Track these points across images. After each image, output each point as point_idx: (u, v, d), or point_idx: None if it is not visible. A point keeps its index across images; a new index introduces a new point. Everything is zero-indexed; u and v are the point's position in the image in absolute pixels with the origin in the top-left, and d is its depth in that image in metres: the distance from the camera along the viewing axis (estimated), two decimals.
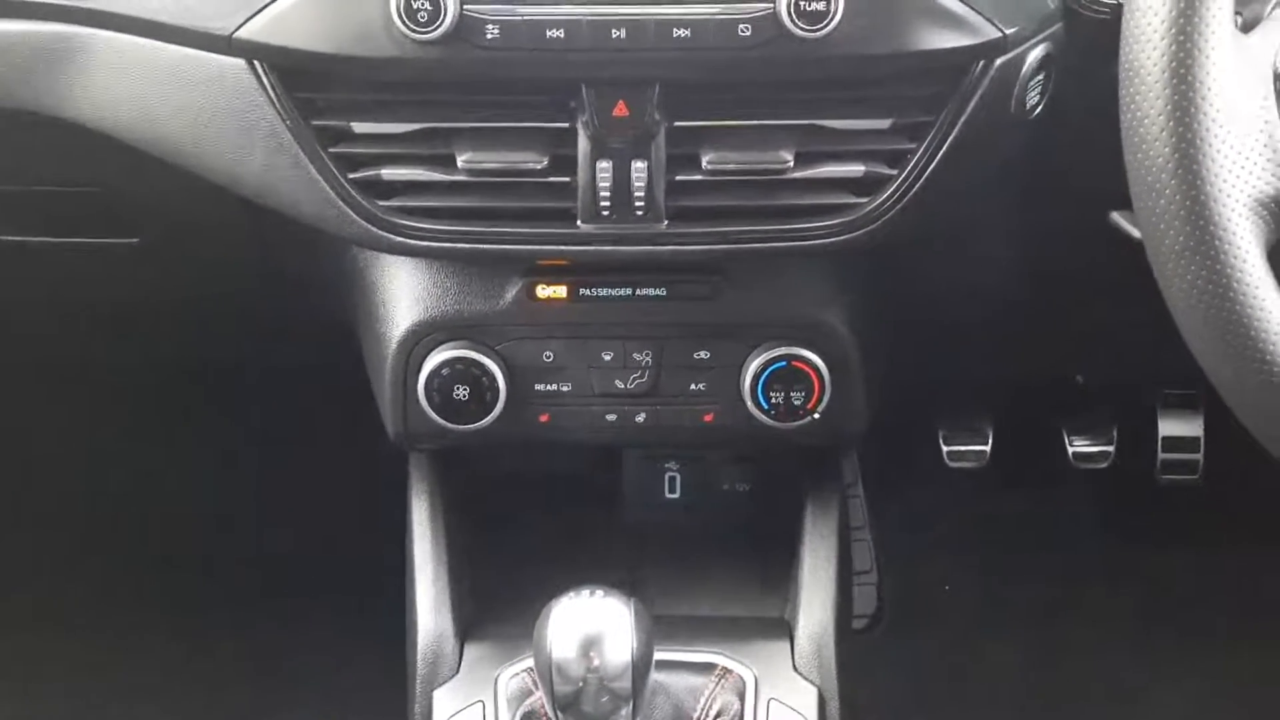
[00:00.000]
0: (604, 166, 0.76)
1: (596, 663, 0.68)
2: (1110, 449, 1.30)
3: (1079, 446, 1.31)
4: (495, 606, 0.91)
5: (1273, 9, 0.65)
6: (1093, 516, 1.41)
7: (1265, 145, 0.56)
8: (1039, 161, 0.81)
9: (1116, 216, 0.78)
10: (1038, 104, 0.78)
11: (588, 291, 0.83)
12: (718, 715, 0.81)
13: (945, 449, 1.30)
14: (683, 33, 0.71)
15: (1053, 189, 0.85)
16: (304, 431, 1.35)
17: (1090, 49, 0.75)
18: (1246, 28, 0.62)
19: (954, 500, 1.37)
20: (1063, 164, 0.81)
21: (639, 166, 0.76)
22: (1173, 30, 0.54)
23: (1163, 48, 0.54)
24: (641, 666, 0.69)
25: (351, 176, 0.77)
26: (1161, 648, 1.32)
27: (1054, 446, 1.32)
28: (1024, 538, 1.40)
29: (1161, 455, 1.31)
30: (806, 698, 0.83)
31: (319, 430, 1.33)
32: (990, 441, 1.30)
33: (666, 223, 0.77)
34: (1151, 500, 1.36)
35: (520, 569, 0.94)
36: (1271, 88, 0.57)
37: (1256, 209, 0.55)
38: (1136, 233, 0.76)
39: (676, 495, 1.06)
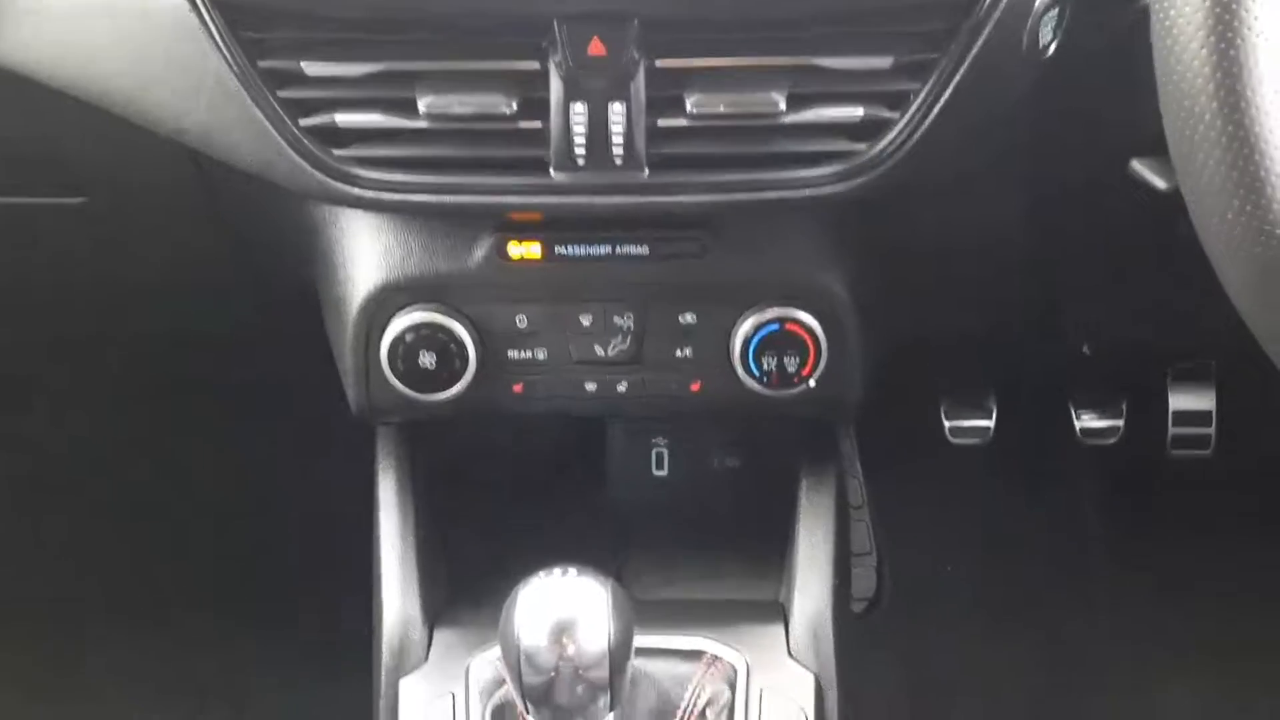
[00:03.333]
0: (578, 110, 0.70)
1: (570, 650, 0.61)
2: (1119, 424, 1.25)
3: (1087, 421, 1.26)
4: (467, 591, 0.86)
5: None
6: (1100, 494, 1.36)
7: None
8: (1052, 106, 0.75)
9: (1137, 164, 0.72)
10: (1051, 41, 0.71)
11: (564, 250, 0.77)
12: (707, 705, 0.76)
13: (947, 424, 1.25)
14: None
15: (1066, 137, 0.79)
16: (266, 407, 1.30)
17: None
18: None
19: (956, 478, 1.32)
20: (1078, 108, 0.75)
21: (617, 110, 0.70)
22: None
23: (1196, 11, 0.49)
24: (620, 654, 0.63)
25: (303, 123, 0.71)
26: (1170, 630, 1.28)
27: (1060, 421, 1.27)
28: (1029, 517, 1.35)
29: (1172, 430, 1.26)
30: (803, 685, 0.78)
31: (281, 405, 1.28)
32: (994, 417, 1.25)
33: (647, 172, 0.71)
34: (1161, 477, 1.31)
35: (495, 551, 0.88)
36: None
37: None
38: (1160, 182, 0.70)
39: (664, 472, 1.01)
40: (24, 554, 1.33)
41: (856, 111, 0.71)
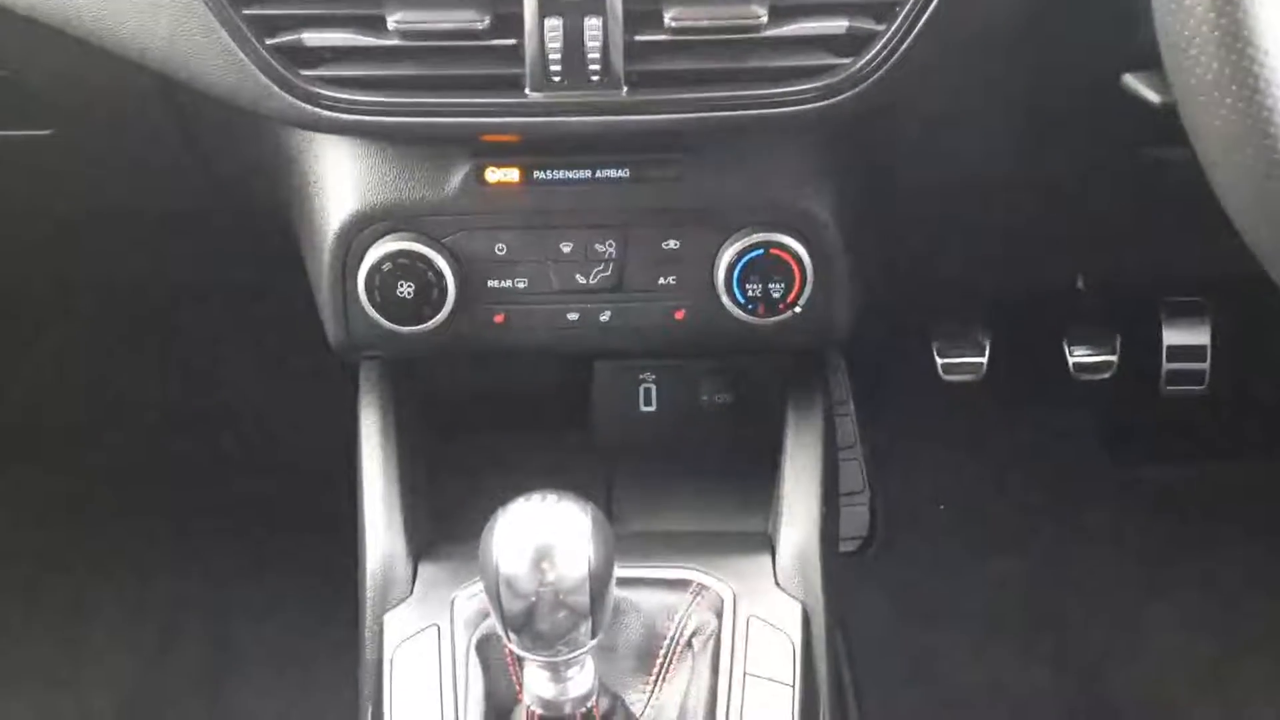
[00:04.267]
0: (553, 25, 0.68)
1: (550, 575, 0.60)
2: (1113, 359, 1.24)
3: (1080, 357, 1.25)
4: (451, 525, 0.85)
5: None
6: (1094, 429, 1.35)
7: None
8: (1040, 23, 0.73)
9: (1130, 79, 0.70)
10: None
11: (543, 174, 0.76)
12: (693, 634, 0.75)
13: (940, 361, 1.23)
14: None
15: (1055, 56, 0.76)
16: (246, 349, 1.28)
17: None
18: None
19: (950, 415, 1.31)
20: (1066, 25, 0.73)
21: (593, 24, 0.68)
22: None
23: None
24: (600, 578, 0.61)
25: (269, 42, 0.69)
26: (1162, 563, 1.28)
27: (1054, 357, 1.26)
28: (1022, 453, 1.34)
29: (1167, 365, 1.25)
30: (790, 614, 0.77)
31: (263, 347, 1.26)
32: (987, 353, 1.23)
33: (626, 89, 0.69)
34: (1155, 412, 1.31)
35: (479, 486, 0.87)
36: None
37: None
38: (1153, 95, 0.68)
39: (652, 408, 0.99)
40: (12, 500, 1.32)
41: (841, 24, 0.69)
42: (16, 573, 1.28)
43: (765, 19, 0.68)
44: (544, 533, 0.62)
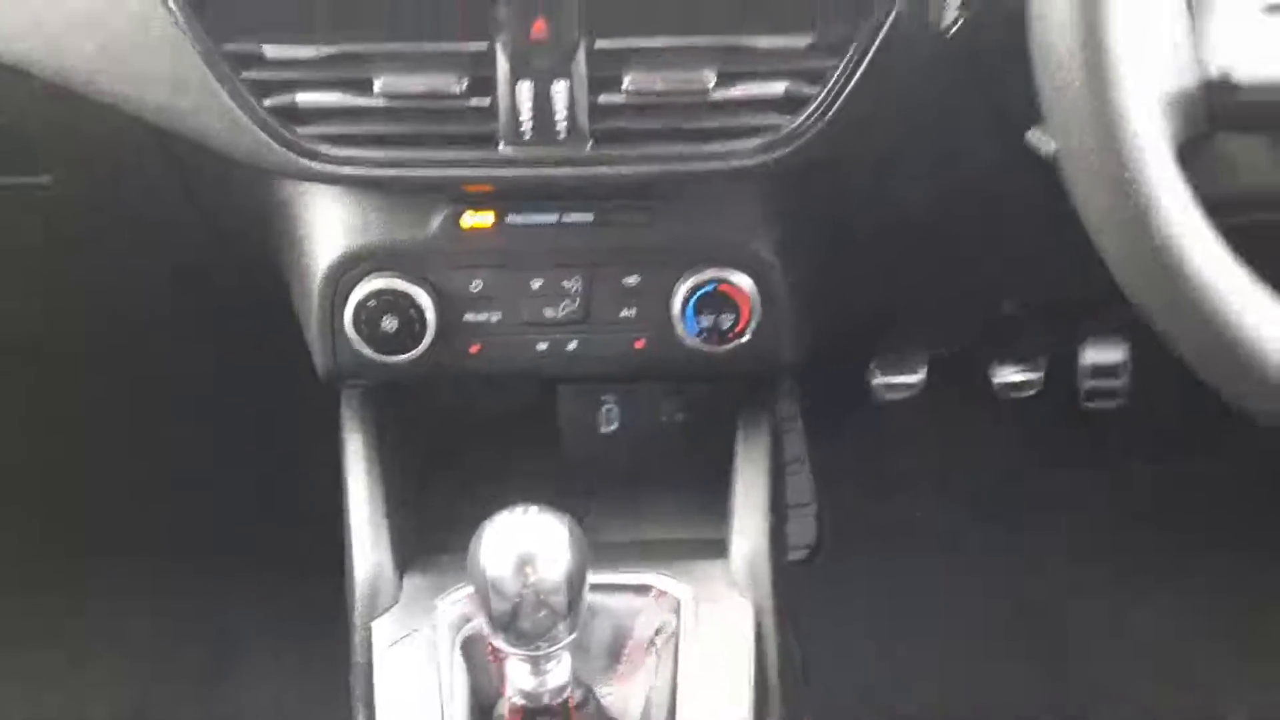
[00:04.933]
0: (524, 88, 0.75)
1: (532, 578, 0.68)
2: (1037, 376, 1.33)
3: (1007, 376, 1.34)
4: (432, 539, 0.91)
5: None
6: (1022, 442, 1.45)
7: (1169, 42, 0.57)
8: (959, 81, 0.82)
9: (1031, 134, 0.79)
10: (956, 19, 0.78)
11: (515, 219, 0.83)
12: (656, 633, 0.82)
13: (879, 381, 1.31)
14: None
15: (974, 109, 0.85)
16: (235, 383, 1.34)
17: None
18: None
19: (889, 432, 1.40)
20: (982, 82, 0.82)
21: (560, 87, 0.75)
22: None
23: None
24: (576, 581, 0.69)
25: (266, 103, 0.76)
26: (1089, 565, 1.37)
27: (985, 375, 1.35)
28: (958, 466, 1.43)
29: (1087, 383, 1.35)
30: (742, 613, 0.85)
31: (251, 380, 1.32)
32: (924, 372, 1.32)
33: (590, 145, 0.77)
34: (1076, 425, 1.40)
35: (457, 503, 0.94)
36: None
37: (1164, 106, 0.56)
38: (1051, 146, 0.77)
39: (614, 427, 1.06)
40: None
41: (780, 86, 0.77)
42: (15, 572, 1.32)
43: (713, 84, 0.76)
44: (526, 542, 0.69)
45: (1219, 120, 0.63)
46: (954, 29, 0.79)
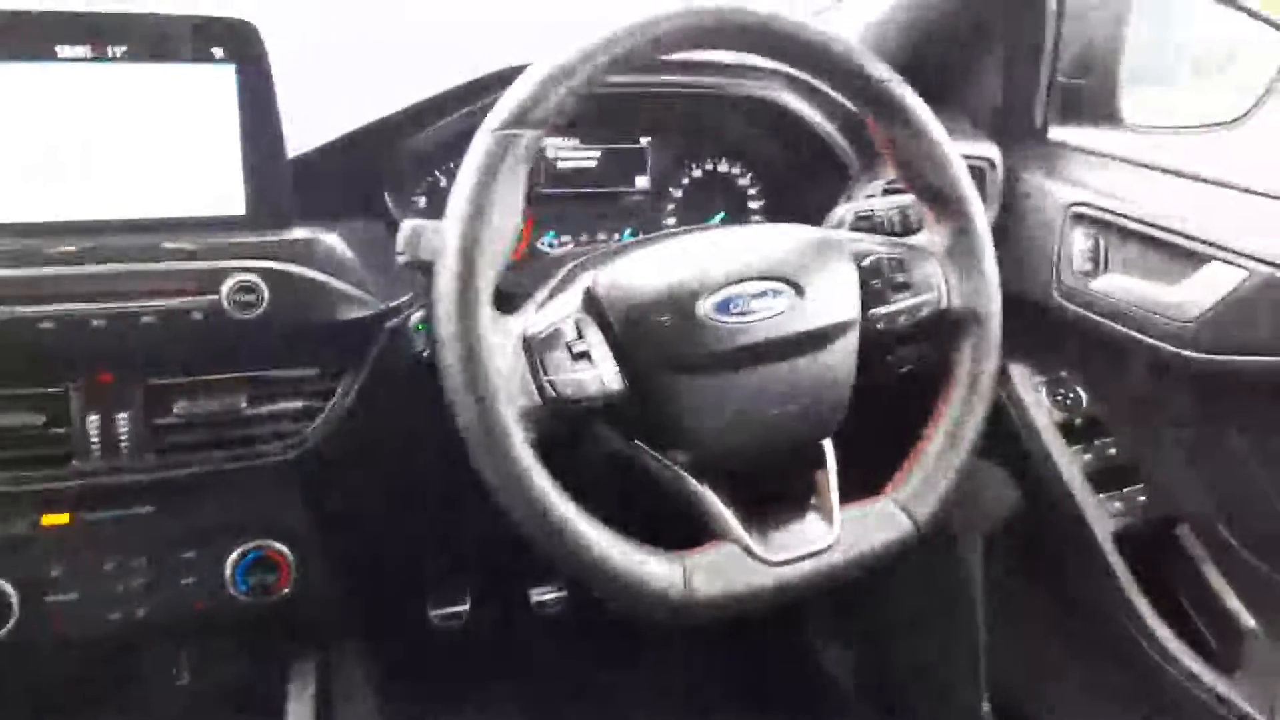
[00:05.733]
0: (93, 420, 0.99)
1: None
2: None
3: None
4: None
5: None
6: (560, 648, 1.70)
7: (521, 379, 0.91)
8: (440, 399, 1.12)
9: None
10: (424, 350, 1.11)
11: (88, 515, 1.03)
12: None
13: (432, 613, 1.52)
14: (149, 319, 0.95)
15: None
16: None
17: None
18: (506, 311, 0.92)
19: (439, 655, 1.61)
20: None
21: (123, 417, 0.99)
22: (456, 315, 0.88)
23: (450, 329, 0.87)
24: None
25: None
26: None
27: (518, 600, 1.60)
28: (499, 678, 1.67)
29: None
30: None
31: None
32: (469, 601, 1.54)
33: (151, 456, 1.00)
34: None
35: None
36: (521, 344, 0.92)
37: (520, 418, 0.90)
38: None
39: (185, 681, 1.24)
40: None
41: (297, 404, 1.05)
42: None
43: (246, 405, 1.03)
44: None
45: (559, 417, 0.90)
46: (425, 356, 1.10)
